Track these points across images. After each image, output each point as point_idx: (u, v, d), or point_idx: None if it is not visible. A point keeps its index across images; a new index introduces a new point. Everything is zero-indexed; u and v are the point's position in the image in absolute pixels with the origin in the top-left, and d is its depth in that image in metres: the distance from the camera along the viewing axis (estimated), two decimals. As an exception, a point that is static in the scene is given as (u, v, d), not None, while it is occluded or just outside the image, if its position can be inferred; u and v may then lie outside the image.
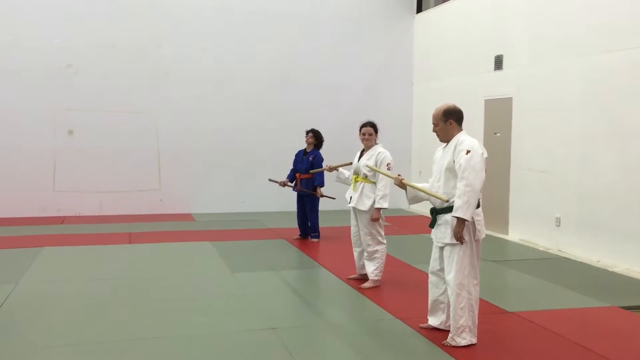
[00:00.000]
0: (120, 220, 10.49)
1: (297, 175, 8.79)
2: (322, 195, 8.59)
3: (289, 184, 8.88)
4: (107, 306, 5.50)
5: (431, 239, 4.75)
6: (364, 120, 6.41)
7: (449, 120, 4.54)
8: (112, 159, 11.10)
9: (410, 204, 4.99)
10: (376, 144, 6.29)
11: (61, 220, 10.46)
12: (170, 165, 11.47)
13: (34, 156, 10.63)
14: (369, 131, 6.25)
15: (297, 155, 8.96)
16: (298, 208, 8.93)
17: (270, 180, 9.11)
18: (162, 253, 7.95)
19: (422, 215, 11.15)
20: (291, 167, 8.96)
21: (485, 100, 9.98)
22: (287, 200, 10.52)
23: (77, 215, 10.90)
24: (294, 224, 9.23)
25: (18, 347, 4.42)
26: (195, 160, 11.60)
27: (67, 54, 10.81)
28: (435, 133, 4.64)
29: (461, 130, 4.57)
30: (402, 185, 4.84)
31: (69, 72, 10.85)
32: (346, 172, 6.63)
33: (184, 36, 11.42)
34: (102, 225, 9.95)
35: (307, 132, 8.84)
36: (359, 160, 6.33)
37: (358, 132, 6.34)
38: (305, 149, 8.87)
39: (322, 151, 8.75)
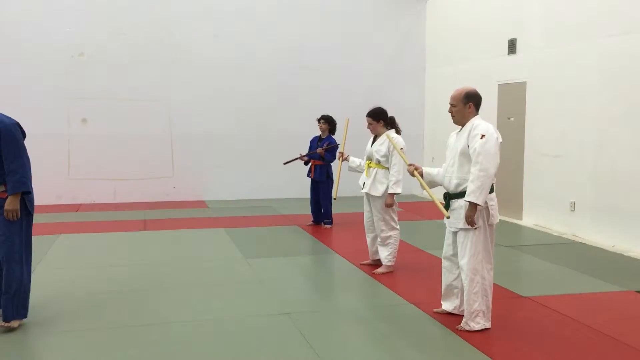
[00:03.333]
0: (134, 208, 10.57)
1: (312, 162, 8.79)
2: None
3: (305, 157, 8.87)
4: (124, 292, 5.56)
5: (444, 224, 4.74)
6: (371, 107, 6.38)
7: (469, 104, 4.50)
8: (126, 147, 11.17)
9: (421, 189, 4.96)
10: (387, 129, 6.26)
11: (76, 207, 10.56)
12: (184, 153, 11.53)
13: (48, 144, 10.70)
14: (369, 120, 6.27)
15: (311, 142, 8.96)
16: (311, 194, 8.95)
17: (286, 163, 9.10)
18: (177, 240, 8.01)
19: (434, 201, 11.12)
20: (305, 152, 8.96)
21: (499, 85, 9.90)
22: (300, 186, 10.54)
23: (92, 202, 11.00)
24: (307, 210, 9.25)
25: (37, 332, 4.49)
26: (208, 148, 11.65)
27: (79, 42, 10.85)
28: (450, 114, 4.59)
29: (477, 115, 4.55)
30: (412, 174, 4.83)
31: (82, 60, 10.89)
32: (357, 160, 6.60)
33: (198, 22, 11.42)
34: (116, 213, 10.04)
35: (319, 119, 8.84)
36: (371, 146, 6.32)
37: None
38: (320, 135, 8.87)
39: (335, 137, 8.75)
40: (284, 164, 9.17)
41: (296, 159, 8.97)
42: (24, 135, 4.62)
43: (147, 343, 4.31)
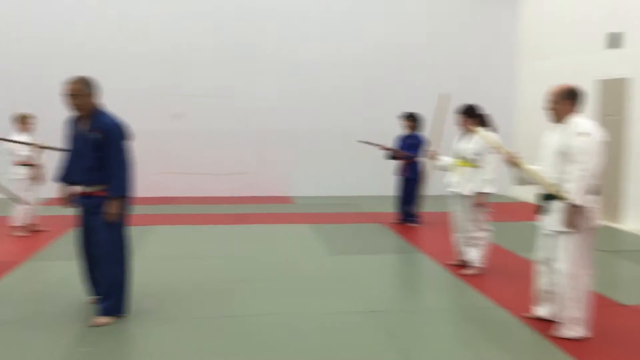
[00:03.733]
0: (223, 202, 10.87)
1: (400, 158, 8.68)
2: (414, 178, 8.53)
3: (385, 147, 8.77)
4: (212, 283, 5.72)
5: (538, 226, 4.54)
6: (462, 104, 6.20)
7: (571, 101, 4.28)
8: (216, 142, 11.52)
9: (515, 184, 4.73)
10: (478, 126, 6.07)
11: (169, 200, 10.99)
12: (271, 148, 11.74)
13: (144, 139, 11.11)
14: (460, 117, 6.11)
15: (397, 140, 8.85)
16: (398, 192, 8.85)
17: (362, 142, 9.05)
18: (263, 234, 8.15)
19: (526, 202, 10.72)
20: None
21: (598, 81, 9.37)
22: (386, 184, 10.46)
23: (184, 196, 11.41)
24: (393, 208, 9.16)
25: (133, 321, 4.70)
26: (295, 143, 11.80)
27: (172, 40, 11.27)
28: (548, 110, 4.37)
29: (578, 112, 4.31)
30: (512, 162, 4.53)
31: (173, 58, 11.30)
32: (446, 159, 6.43)
33: (286, 18, 11.59)
34: (205, 206, 10.36)
35: (404, 117, 8.72)
36: (461, 143, 6.15)
37: None
38: (406, 133, 8.75)
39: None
40: (359, 141, 9.12)
41: (375, 144, 8.86)
42: (129, 137, 4.62)
43: (235, 335, 4.40)
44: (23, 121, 7.66)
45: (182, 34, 11.30)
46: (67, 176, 4.70)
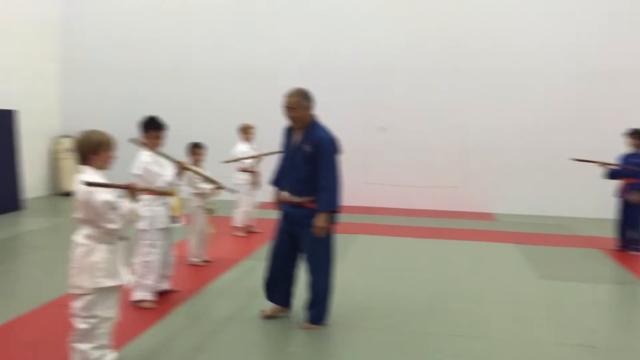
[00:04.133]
0: (423, 215, 10.80)
1: (623, 180, 7.86)
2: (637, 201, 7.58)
3: (606, 163, 7.85)
4: (415, 298, 5.69)
5: None
6: None
7: None
8: (418, 155, 11.51)
9: None
10: None
11: (370, 210, 11.23)
12: (473, 163, 11.41)
13: (350, 151, 11.53)
14: None
15: (621, 159, 8.00)
16: (619, 215, 8.00)
17: (575, 160, 8.22)
18: (464, 251, 7.93)
19: None
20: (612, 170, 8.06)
21: None
22: (601, 205, 9.58)
23: (384, 207, 11.57)
24: (610, 232, 8.34)
25: (337, 327, 4.85)
26: (498, 158, 11.33)
27: (383, 55, 11.52)
28: None
29: None
30: None
31: (384, 72, 11.53)
32: None
33: (488, 30, 11.21)
34: (406, 218, 10.39)
35: (629, 133, 7.86)
36: None
37: None
38: (631, 151, 7.89)
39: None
40: (573, 159, 8.27)
41: (594, 162, 7.96)
42: (340, 151, 4.67)
43: (435, 352, 4.32)
44: (245, 131, 8.38)
45: (394, 45, 11.49)
46: (278, 182, 4.89)
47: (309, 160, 4.54)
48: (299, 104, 4.59)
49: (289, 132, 4.83)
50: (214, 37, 11.95)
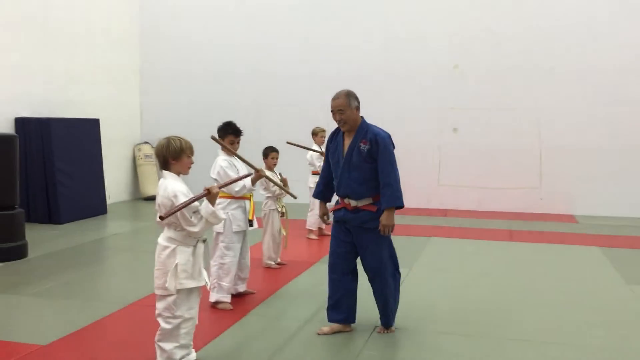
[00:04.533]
0: (498, 217, 10.51)
1: None
2: None
3: None
4: (490, 301, 5.54)
5: None
6: None
7: None
8: (493, 156, 11.20)
9: None
10: None
11: (444, 212, 11.03)
12: (552, 163, 10.99)
13: (422, 152, 11.44)
14: None
15: None
16: None
17: None
18: (545, 254, 7.65)
19: None
20: None
21: None
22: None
23: (459, 209, 11.33)
24: None
25: (409, 330, 4.78)
26: (579, 158, 10.85)
27: (454, 54, 11.31)
28: None
29: None
30: None
31: (456, 72, 11.34)
32: None
33: (572, 27, 10.78)
34: (481, 221, 10.13)
35: None
36: None
37: None
38: None
39: None
40: None
41: None
42: (394, 147, 4.57)
43: (515, 359, 4.17)
44: (317, 134, 8.43)
45: (467, 45, 11.27)
46: (325, 193, 4.79)
47: (367, 159, 4.43)
48: (348, 105, 4.47)
49: (336, 137, 4.67)
50: (285, 40, 12.09)
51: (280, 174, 6.49)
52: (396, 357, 4.22)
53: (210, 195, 3.70)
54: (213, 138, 5.08)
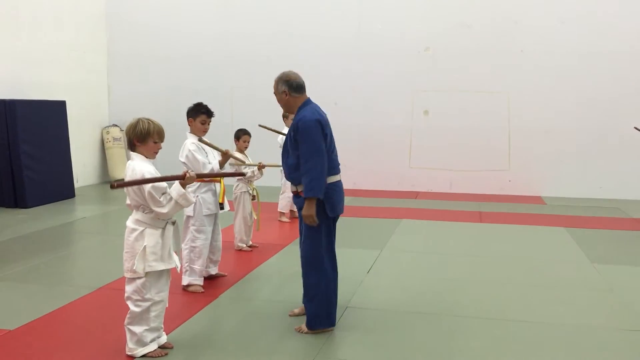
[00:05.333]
0: (469, 199, 10.64)
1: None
2: None
3: None
4: (462, 282, 5.62)
5: None
6: None
7: None
8: (463, 139, 11.31)
9: None
10: None
11: (415, 195, 11.13)
12: (521, 146, 11.15)
13: (393, 134, 11.50)
14: None
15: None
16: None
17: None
18: (513, 235, 7.79)
19: None
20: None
21: None
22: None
23: (429, 191, 11.45)
24: (666, 215, 8.07)
25: (381, 311, 4.84)
26: (547, 141, 11.03)
27: (425, 37, 11.34)
28: None
29: None
30: None
31: (427, 55, 11.37)
32: None
33: (541, 10, 10.89)
34: (452, 203, 10.25)
35: None
36: None
37: None
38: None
39: None
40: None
41: None
42: (322, 133, 4.11)
43: (489, 338, 4.26)
44: (288, 117, 8.38)
45: (438, 27, 11.31)
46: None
47: (293, 145, 4.14)
48: (276, 90, 4.34)
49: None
50: (257, 25, 11.97)
51: (260, 163, 6.51)
52: (366, 338, 4.26)
53: (184, 179, 3.66)
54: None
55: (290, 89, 4.30)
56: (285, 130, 8.28)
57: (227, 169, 5.90)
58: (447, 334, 4.32)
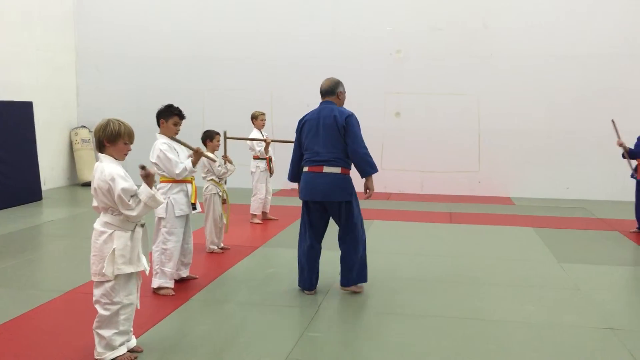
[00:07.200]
0: (439, 200, 10.76)
1: (639, 161, 7.80)
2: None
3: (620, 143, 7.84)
4: (432, 282, 5.68)
5: None
6: None
7: None
8: (434, 140, 11.44)
9: None
10: None
11: (387, 196, 11.20)
12: (490, 147, 11.32)
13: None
14: None
15: (639, 139, 7.93)
16: (638, 198, 7.92)
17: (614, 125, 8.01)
18: (483, 235, 7.89)
19: None
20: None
21: None
22: (621, 188, 9.48)
23: (401, 192, 11.53)
24: (630, 215, 8.25)
25: (354, 311, 4.86)
26: (516, 142, 11.23)
27: (397, 40, 11.43)
28: None
29: None
30: None
31: (399, 57, 11.46)
32: None
33: (511, 14, 11.07)
34: (423, 204, 10.35)
35: None
36: None
37: None
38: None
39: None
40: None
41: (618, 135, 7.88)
42: (305, 129, 5.25)
43: (460, 337, 4.30)
44: (257, 118, 8.38)
45: (410, 30, 11.39)
46: None
47: None
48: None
49: None
50: (228, 25, 11.92)
51: (225, 156, 6.56)
52: (337, 338, 4.28)
53: (149, 177, 3.61)
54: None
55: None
56: (254, 132, 8.27)
57: (199, 169, 5.85)
58: (418, 333, 4.36)
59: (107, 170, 3.56)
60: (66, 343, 4.05)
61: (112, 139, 3.62)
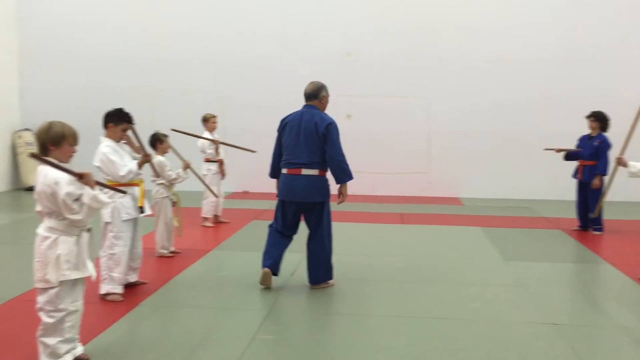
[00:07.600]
0: (390, 201, 10.90)
1: (580, 162, 8.11)
2: (599, 186, 7.80)
3: (565, 149, 8.20)
4: (386, 281, 5.76)
5: None
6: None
7: None
8: (385, 142, 11.59)
9: None
10: None
11: (337, 198, 11.23)
12: (440, 149, 11.54)
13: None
14: None
15: (580, 140, 8.25)
16: (578, 197, 8.23)
17: (546, 149, 8.47)
18: (433, 235, 8.04)
19: None
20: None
21: None
22: (564, 188, 9.81)
23: (352, 194, 11.57)
24: (571, 213, 8.56)
25: (312, 312, 4.88)
26: (464, 144, 11.49)
27: (347, 42, 11.53)
28: None
29: None
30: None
31: (349, 60, 11.56)
32: (638, 165, 5.92)
33: (461, 18, 11.32)
34: (374, 205, 10.46)
35: (589, 116, 8.11)
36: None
37: None
38: (589, 133, 8.13)
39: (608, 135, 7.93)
40: (545, 149, 8.53)
41: (555, 149, 8.27)
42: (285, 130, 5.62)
43: (408, 335, 4.37)
44: (208, 121, 8.31)
45: (360, 34, 11.50)
46: None
47: None
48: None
49: None
50: (177, 25, 11.78)
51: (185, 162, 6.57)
52: (290, 338, 4.29)
53: (85, 179, 3.49)
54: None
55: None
56: (206, 135, 8.19)
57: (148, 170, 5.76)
58: (367, 333, 4.41)
59: (50, 174, 3.47)
60: (9, 352, 3.92)
61: (57, 141, 3.53)
